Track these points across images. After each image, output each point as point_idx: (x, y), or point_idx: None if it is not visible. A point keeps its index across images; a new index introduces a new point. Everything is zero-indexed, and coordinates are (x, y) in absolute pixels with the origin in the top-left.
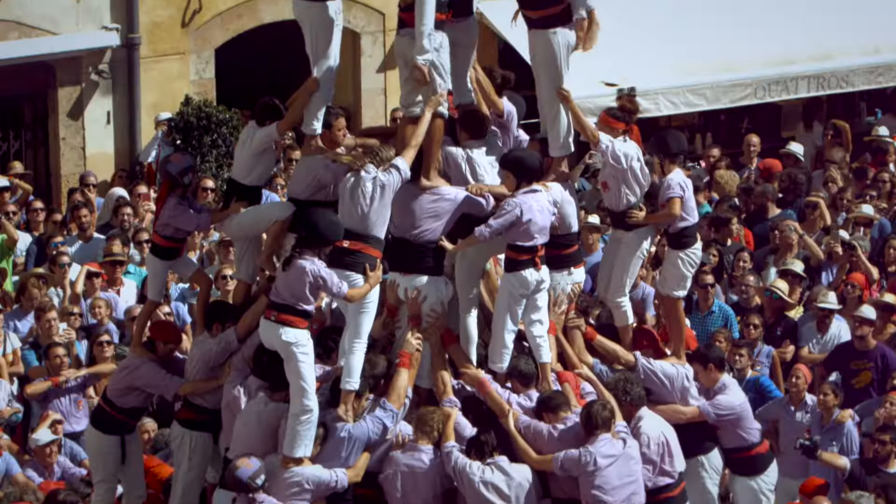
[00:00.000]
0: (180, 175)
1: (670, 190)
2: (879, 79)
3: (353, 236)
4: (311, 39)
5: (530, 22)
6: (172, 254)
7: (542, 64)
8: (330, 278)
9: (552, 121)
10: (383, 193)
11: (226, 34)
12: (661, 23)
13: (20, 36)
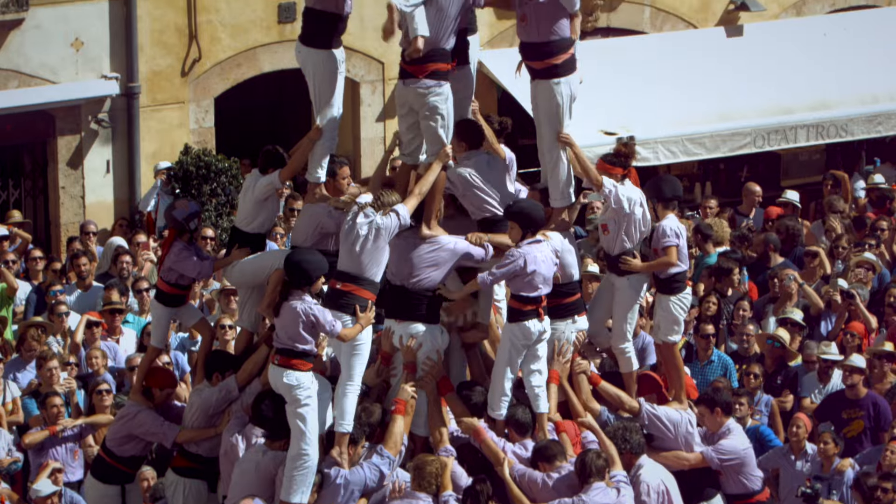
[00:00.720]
0: (186, 221)
1: (666, 238)
2: (878, 128)
3: (346, 277)
4: (315, 87)
5: (534, 72)
6: (177, 300)
7: (544, 114)
8: (322, 316)
9: (552, 170)
10: (378, 236)
11: (225, 83)
12: (661, 72)
13: (20, 85)
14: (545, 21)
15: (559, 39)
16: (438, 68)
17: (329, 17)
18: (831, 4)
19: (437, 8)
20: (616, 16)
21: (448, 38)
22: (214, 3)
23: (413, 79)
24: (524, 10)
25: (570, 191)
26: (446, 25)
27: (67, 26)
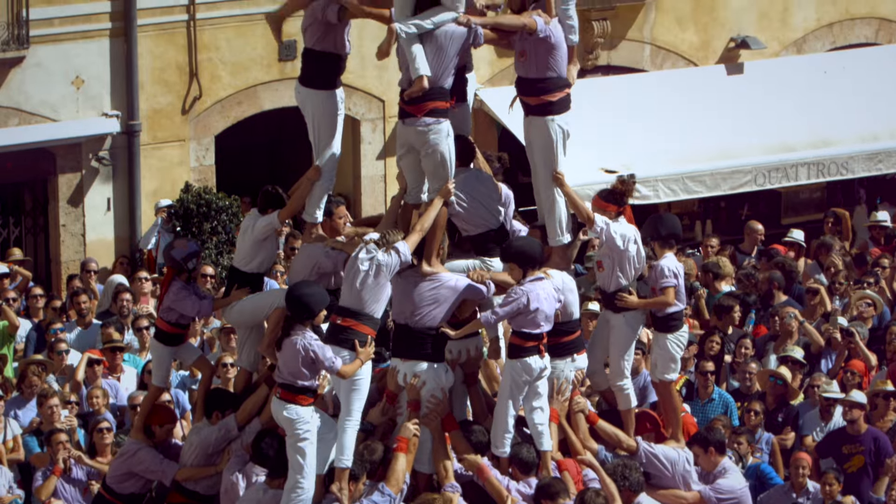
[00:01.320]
0: (184, 261)
1: (664, 279)
2: (879, 165)
3: (346, 313)
4: (314, 127)
5: (528, 108)
6: (176, 340)
7: (538, 151)
8: (322, 352)
9: (549, 209)
10: (379, 273)
11: (226, 121)
12: (661, 110)
13: (20, 122)
14: (544, 57)
15: (556, 77)
16: (437, 106)
17: (328, 57)
18: (832, 42)
19: (437, 47)
20: (616, 54)
21: (447, 77)
22: (215, 42)
23: (412, 118)
24: (523, 46)
25: (569, 228)
26: (445, 64)
27: (68, 64)
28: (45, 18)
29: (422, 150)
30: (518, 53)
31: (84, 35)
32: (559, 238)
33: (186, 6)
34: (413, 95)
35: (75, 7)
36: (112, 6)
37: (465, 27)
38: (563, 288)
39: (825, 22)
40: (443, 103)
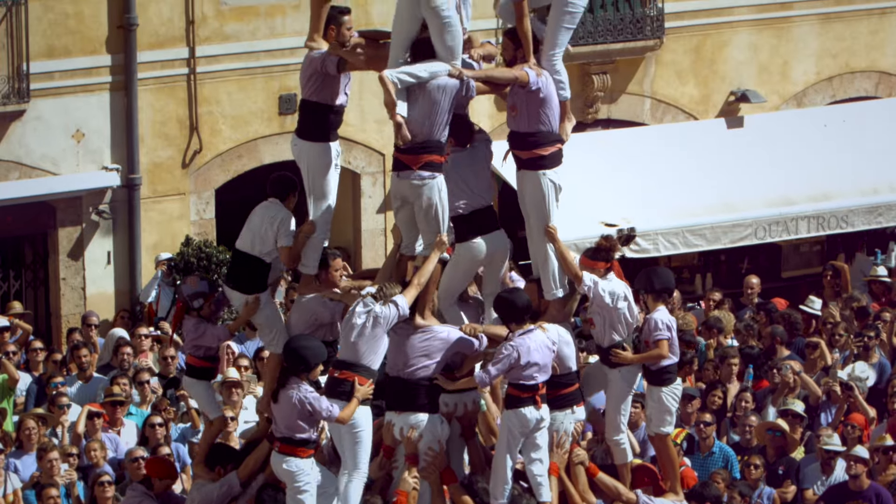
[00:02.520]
0: (190, 299)
1: (657, 332)
2: (879, 219)
3: (343, 365)
4: (309, 180)
5: (520, 162)
6: (209, 373)
7: (531, 205)
8: (318, 403)
9: (543, 263)
10: (376, 325)
11: (226, 175)
12: (661, 163)
13: (21, 176)
14: (535, 111)
15: (547, 131)
16: (432, 160)
17: (325, 109)
18: (831, 96)
19: (430, 100)
20: (616, 107)
21: (441, 130)
22: (215, 95)
23: (407, 170)
24: (515, 101)
25: (565, 282)
26: (439, 118)
27: (68, 118)
28: (46, 72)
29: (416, 203)
30: (509, 108)
31: (84, 89)
32: (554, 291)
33: (187, 60)
34: (405, 141)
35: (76, 61)
36: (112, 60)
37: (458, 79)
38: (559, 341)
39: (825, 75)
40: (438, 157)
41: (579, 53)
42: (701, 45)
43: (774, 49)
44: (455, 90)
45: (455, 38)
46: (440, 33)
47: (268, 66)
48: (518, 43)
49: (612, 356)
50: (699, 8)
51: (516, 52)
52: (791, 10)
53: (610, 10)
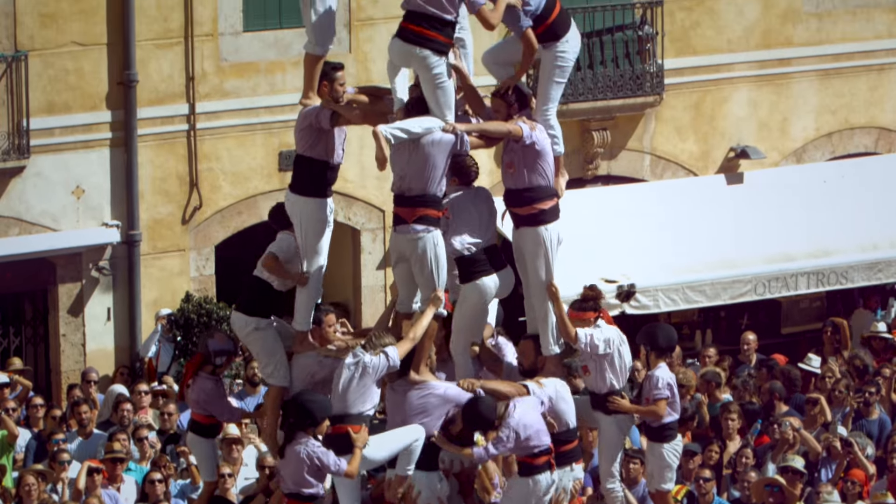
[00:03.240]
0: (214, 354)
1: (657, 390)
2: (879, 275)
3: (336, 420)
4: (302, 235)
5: (518, 219)
6: (214, 431)
7: (531, 261)
8: (326, 457)
9: (544, 319)
10: (364, 374)
11: (226, 231)
12: (661, 220)
13: (21, 232)
14: (532, 165)
15: (546, 185)
16: (428, 214)
17: (319, 165)
18: (831, 152)
19: (424, 155)
20: (616, 163)
21: (437, 185)
22: (215, 151)
23: (403, 225)
24: (511, 157)
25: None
26: (435, 172)
27: (68, 174)
28: (46, 128)
29: (412, 258)
30: (506, 165)
31: (85, 145)
32: (552, 348)
33: (187, 116)
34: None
35: (76, 117)
36: (112, 116)
37: (451, 134)
38: (556, 397)
39: (824, 131)
40: (434, 211)
41: (579, 110)
42: (700, 101)
43: (774, 105)
44: (449, 145)
45: (446, 94)
46: (432, 90)
47: (268, 123)
48: (510, 101)
49: (609, 403)
50: (699, 64)
51: (509, 110)
52: (790, 67)
53: (609, 67)
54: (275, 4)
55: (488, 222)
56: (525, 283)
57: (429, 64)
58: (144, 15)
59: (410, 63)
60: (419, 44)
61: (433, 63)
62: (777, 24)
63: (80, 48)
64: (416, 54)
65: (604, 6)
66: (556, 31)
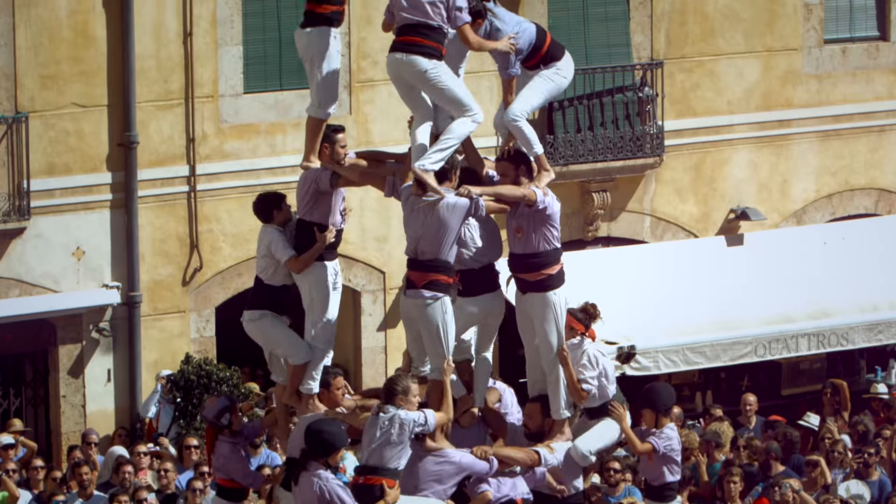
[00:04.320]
0: (216, 418)
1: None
2: (879, 336)
3: (367, 471)
4: (308, 298)
5: (526, 285)
6: (240, 495)
7: (541, 326)
8: (342, 498)
9: (555, 383)
10: (402, 431)
11: (226, 292)
12: (661, 281)
13: (21, 294)
14: (541, 230)
15: (553, 250)
16: (439, 279)
17: (321, 228)
18: (831, 213)
19: (438, 219)
20: (616, 225)
21: (449, 250)
22: (215, 213)
23: (413, 289)
24: (520, 222)
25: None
26: (448, 237)
27: (69, 235)
28: (46, 190)
29: (420, 322)
30: (514, 230)
31: (85, 206)
32: (563, 412)
33: (187, 178)
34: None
35: (76, 178)
36: (113, 177)
37: (467, 198)
38: (567, 463)
39: (825, 193)
40: (445, 277)
41: (579, 171)
42: (701, 162)
43: (774, 167)
44: (464, 210)
45: (450, 89)
46: (432, 89)
47: (268, 184)
48: (517, 163)
49: (610, 409)
50: (699, 126)
51: (517, 171)
52: (790, 128)
53: (610, 128)
54: (275, 66)
55: (493, 241)
56: (529, 347)
57: (419, 67)
58: (145, 76)
59: (404, 74)
60: (406, 51)
61: (423, 65)
62: (777, 86)
63: (81, 109)
64: (405, 61)
65: (604, 67)
66: (554, 53)
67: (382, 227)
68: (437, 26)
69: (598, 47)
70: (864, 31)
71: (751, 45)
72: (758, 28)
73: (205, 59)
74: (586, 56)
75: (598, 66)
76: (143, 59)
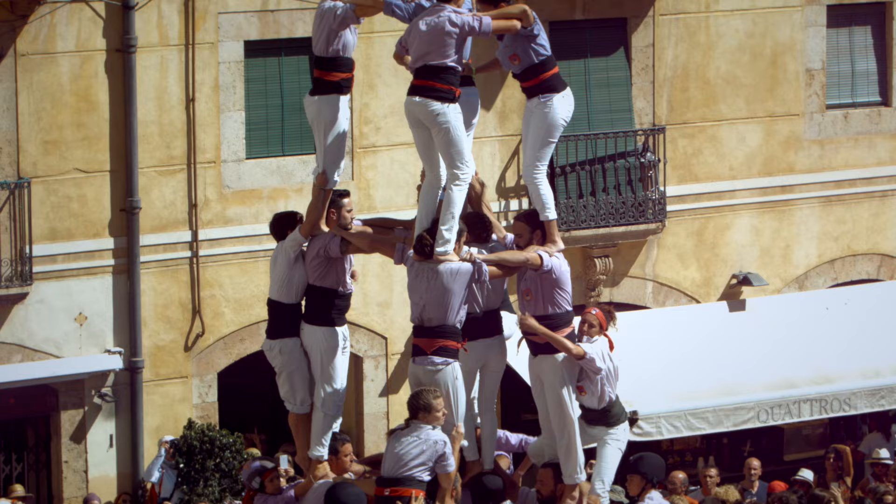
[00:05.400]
0: (248, 481)
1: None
2: (882, 401)
3: (387, 482)
4: (317, 365)
5: (536, 347)
6: None
7: (551, 390)
8: None
9: (566, 449)
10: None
11: (228, 358)
12: (663, 347)
13: (23, 359)
14: (549, 293)
15: (563, 313)
16: (448, 345)
17: (330, 294)
18: (833, 279)
19: (442, 285)
20: (619, 290)
21: (456, 315)
22: (217, 279)
23: (422, 356)
24: (528, 285)
25: (584, 468)
26: (454, 302)
27: (71, 301)
28: (49, 255)
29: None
30: (523, 292)
31: (87, 272)
32: (577, 476)
33: (189, 243)
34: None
35: (78, 244)
36: (115, 243)
37: (470, 263)
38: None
39: (827, 258)
40: (453, 343)
41: (581, 237)
42: (703, 228)
43: (776, 232)
44: (468, 275)
45: (456, 141)
46: (441, 138)
47: (270, 250)
48: (533, 226)
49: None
50: (701, 191)
51: (532, 234)
52: (792, 194)
53: (612, 194)
54: (277, 132)
55: (498, 288)
56: (543, 412)
57: (432, 109)
58: (147, 142)
59: (418, 114)
60: (422, 94)
61: (437, 108)
62: (779, 152)
63: (83, 175)
64: (418, 102)
65: (606, 133)
66: (554, 85)
67: (385, 292)
68: (452, 66)
69: (600, 113)
70: (865, 97)
71: (753, 110)
72: (759, 93)
73: (207, 124)
74: (589, 122)
75: (600, 131)
76: (145, 125)
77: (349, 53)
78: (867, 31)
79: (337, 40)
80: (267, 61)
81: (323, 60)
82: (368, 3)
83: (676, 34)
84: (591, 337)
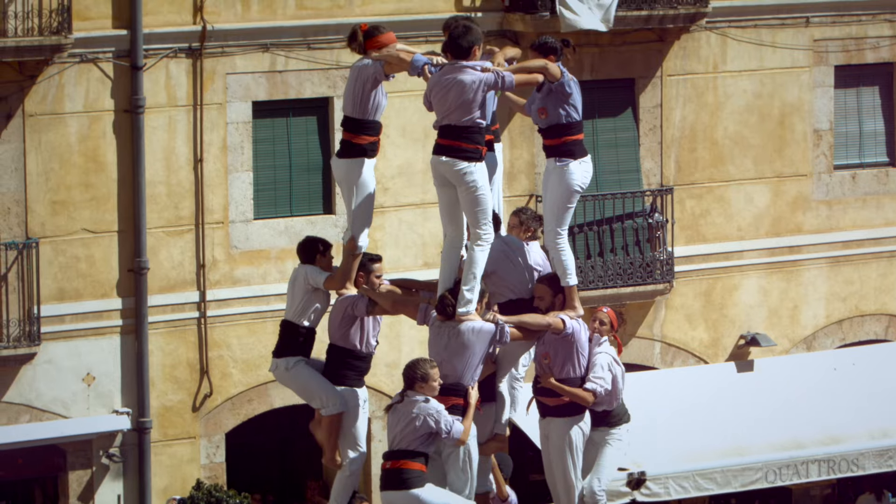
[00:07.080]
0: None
1: None
2: (890, 462)
3: (395, 455)
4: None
5: (548, 410)
6: None
7: (557, 453)
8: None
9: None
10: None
11: (237, 418)
12: (671, 407)
13: (31, 419)
14: (567, 358)
15: (576, 378)
16: (459, 404)
17: (351, 354)
18: (841, 339)
19: (462, 343)
20: (627, 351)
21: (472, 375)
22: (225, 339)
23: None
24: (546, 348)
25: None
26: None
27: (79, 361)
28: (57, 315)
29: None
30: (541, 356)
31: (95, 332)
32: None
33: (197, 304)
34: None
35: (86, 304)
36: (123, 303)
37: (493, 324)
38: None
39: (835, 319)
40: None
41: (589, 298)
42: (711, 288)
43: (784, 293)
44: (489, 335)
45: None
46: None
47: (278, 311)
48: (556, 289)
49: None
50: (709, 252)
51: (554, 298)
52: (800, 254)
53: (620, 254)
54: (285, 193)
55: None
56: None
57: (458, 167)
58: (155, 203)
59: (444, 173)
60: (448, 154)
61: (463, 167)
62: (787, 212)
63: (91, 235)
64: (445, 162)
65: (613, 194)
66: (573, 150)
67: (393, 353)
68: (478, 124)
69: (608, 173)
70: (873, 157)
71: (760, 171)
72: (767, 154)
73: (215, 185)
74: (597, 182)
75: (608, 192)
76: (153, 185)
77: (378, 116)
78: (875, 91)
79: (369, 101)
80: (275, 122)
81: (351, 122)
82: (395, 62)
83: (684, 94)
84: (602, 335)
